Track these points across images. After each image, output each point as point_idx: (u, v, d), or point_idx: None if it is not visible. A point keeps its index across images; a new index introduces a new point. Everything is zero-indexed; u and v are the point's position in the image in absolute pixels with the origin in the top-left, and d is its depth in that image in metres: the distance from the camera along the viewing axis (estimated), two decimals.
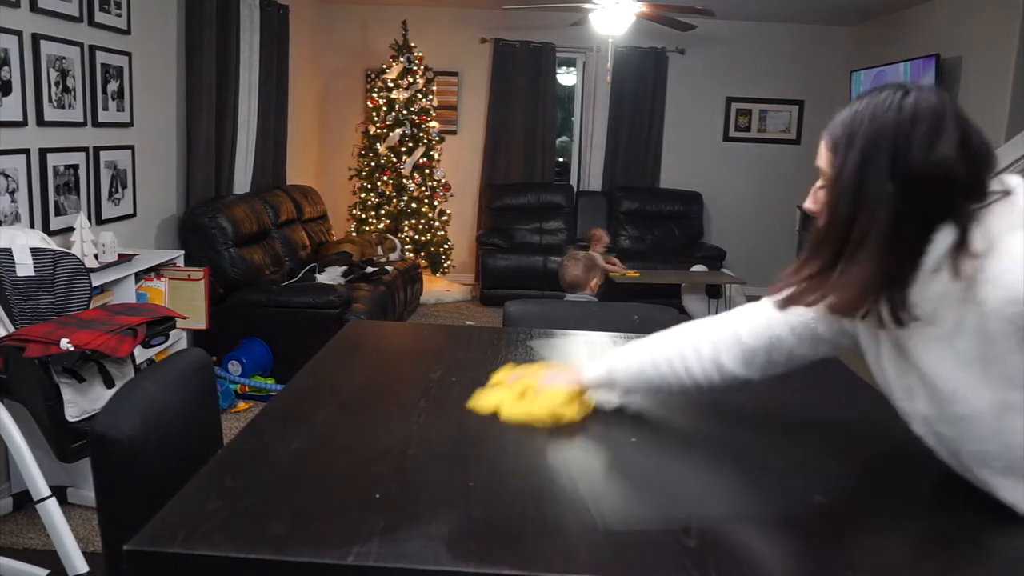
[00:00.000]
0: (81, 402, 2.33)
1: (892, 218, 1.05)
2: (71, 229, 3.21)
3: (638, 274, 5.80)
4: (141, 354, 3.22)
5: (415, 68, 6.37)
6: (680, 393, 1.41)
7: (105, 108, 3.60)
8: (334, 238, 6.10)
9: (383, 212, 6.40)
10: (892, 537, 1.09)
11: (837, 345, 1.31)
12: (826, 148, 1.13)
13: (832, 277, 1.12)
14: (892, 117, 1.05)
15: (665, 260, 6.52)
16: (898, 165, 1.04)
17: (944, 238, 1.05)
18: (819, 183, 1.16)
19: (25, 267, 2.60)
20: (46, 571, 2.33)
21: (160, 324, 2.57)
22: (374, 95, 6.44)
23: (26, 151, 3.06)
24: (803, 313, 1.28)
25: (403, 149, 6.32)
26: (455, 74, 7.12)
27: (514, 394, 1.47)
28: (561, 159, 7.64)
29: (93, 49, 3.46)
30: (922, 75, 5.46)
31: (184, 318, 3.57)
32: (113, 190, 3.72)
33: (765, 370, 1.36)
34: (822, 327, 1.29)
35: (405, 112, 6.31)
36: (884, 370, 1.22)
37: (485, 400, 1.48)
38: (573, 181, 7.54)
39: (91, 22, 3.43)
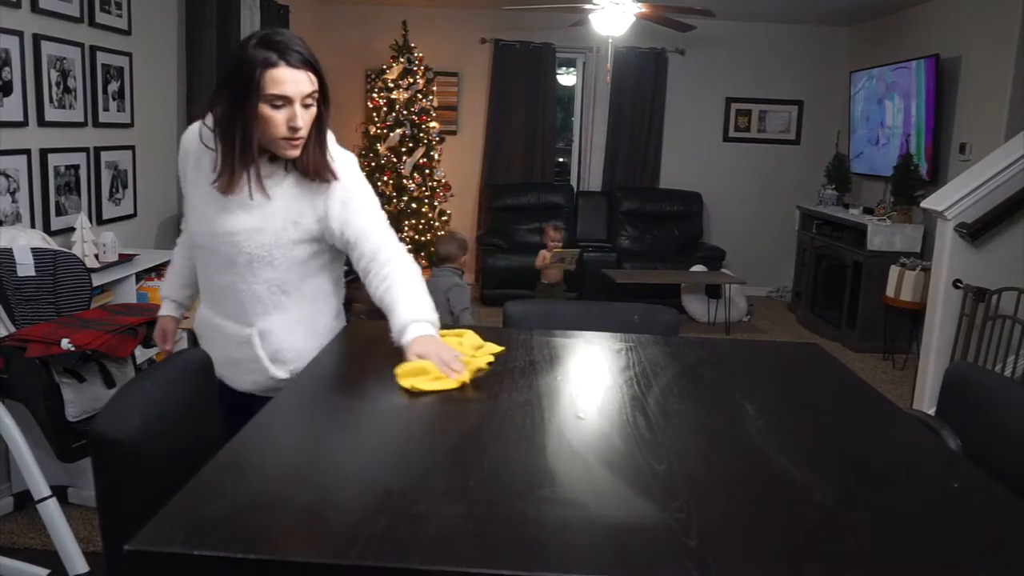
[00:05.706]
0: (81, 402, 2.33)
1: None
2: (72, 229, 3.21)
3: (572, 267, 5.38)
4: (141, 354, 3.22)
5: (415, 68, 6.37)
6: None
7: (106, 108, 3.60)
8: None
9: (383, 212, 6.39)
10: (893, 536, 1.09)
11: None
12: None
13: None
14: None
15: (665, 260, 6.52)
16: None
17: None
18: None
19: (26, 267, 2.61)
20: (46, 571, 2.33)
21: None
22: (374, 95, 6.44)
23: (27, 151, 3.07)
24: None
25: (403, 149, 6.32)
26: (455, 74, 7.12)
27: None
28: (561, 159, 7.63)
29: (94, 49, 3.46)
30: (923, 75, 5.46)
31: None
32: (114, 190, 3.72)
33: None
34: None
35: (405, 112, 6.31)
36: None
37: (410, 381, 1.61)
38: (573, 181, 7.54)
39: (92, 23, 3.44)
